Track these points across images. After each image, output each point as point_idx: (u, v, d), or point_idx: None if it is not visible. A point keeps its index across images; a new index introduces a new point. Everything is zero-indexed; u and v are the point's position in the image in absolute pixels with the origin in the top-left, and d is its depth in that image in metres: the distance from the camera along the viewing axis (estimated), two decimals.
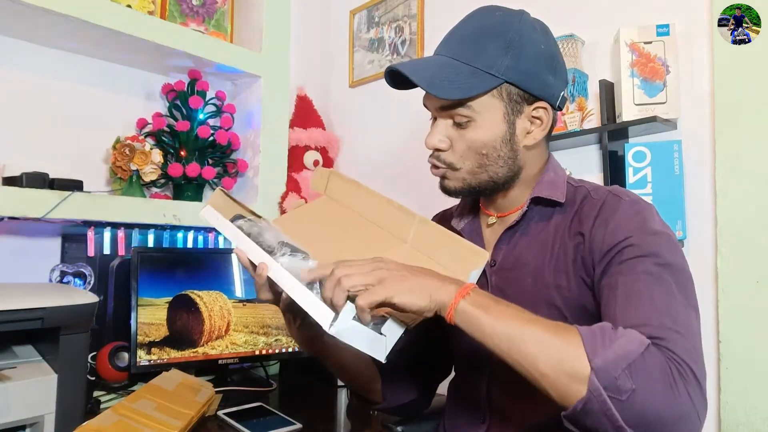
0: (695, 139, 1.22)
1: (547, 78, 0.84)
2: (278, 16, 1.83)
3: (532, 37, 0.83)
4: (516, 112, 0.84)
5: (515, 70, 0.81)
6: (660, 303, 0.69)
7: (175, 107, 1.66)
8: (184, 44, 1.56)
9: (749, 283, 1.10)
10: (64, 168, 1.46)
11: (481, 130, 0.83)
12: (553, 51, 0.85)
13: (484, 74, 0.81)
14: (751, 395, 1.09)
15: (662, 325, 0.66)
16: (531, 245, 0.87)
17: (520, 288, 0.86)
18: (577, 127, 1.31)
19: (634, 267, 0.73)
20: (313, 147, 1.93)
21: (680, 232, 1.18)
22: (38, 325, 0.97)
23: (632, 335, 0.64)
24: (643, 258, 0.74)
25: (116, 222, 1.46)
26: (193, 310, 1.45)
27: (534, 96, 0.83)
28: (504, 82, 0.81)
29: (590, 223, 0.81)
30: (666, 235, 0.77)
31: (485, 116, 0.83)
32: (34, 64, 1.50)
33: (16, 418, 0.94)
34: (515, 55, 0.81)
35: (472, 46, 0.83)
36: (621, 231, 0.77)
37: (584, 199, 0.86)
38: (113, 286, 1.46)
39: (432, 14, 1.80)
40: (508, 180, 0.87)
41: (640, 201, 0.82)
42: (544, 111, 0.85)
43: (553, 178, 0.89)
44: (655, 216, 0.80)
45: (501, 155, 0.85)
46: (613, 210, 0.80)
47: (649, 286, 0.71)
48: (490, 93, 0.82)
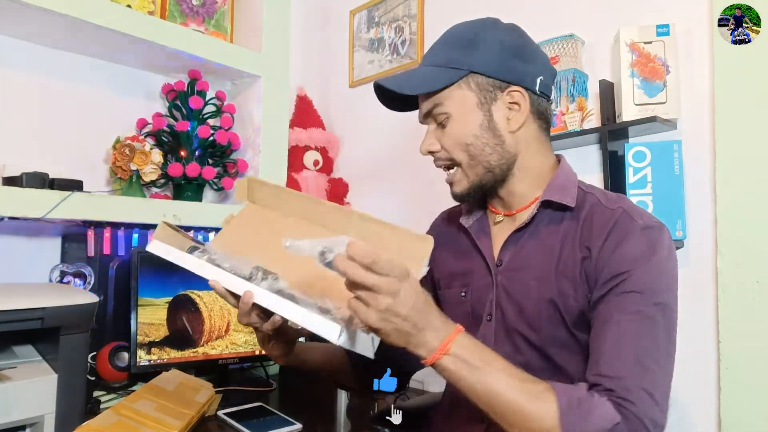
0: (695, 139, 1.22)
1: (515, 64, 0.87)
2: (278, 16, 1.83)
3: (493, 33, 0.89)
4: (490, 99, 0.88)
5: (477, 61, 0.87)
6: (643, 356, 0.75)
7: (175, 107, 1.66)
8: (184, 44, 1.56)
9: (749, 283, 1.10)
10: (64, 168, 1.46)
11: (458, 122, 0.88)
12: (519, 42, 0.89)
13: (448, 69, 0.87)
14: (751, 395, 1.09)
15: (638, 386, 0.73)
16: (539, 249, 0.88)
17: (524, 289, 0.88)
18: (577, 127, 1.31)
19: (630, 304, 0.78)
20: (313, 147, 1.93)
21: (680, 232, 1.18)
22: (38, 325, 0.97)
23: (605, 410, 0.70)
24: (641, 295, 0.77)
25: (116, 222, 1.46)
26: (193, 310, 1.45)
27: (505, 81, 0.87)
28: (469, 72, 0.87)
29: (600, 242, 0.82)
30: (670, 268, 0.81)
31: (459, 109, 0.88)
32: (34, 64, 1.50)
33: (16, 418, 0.94)
34: (476, 48, 0.87)
35: (438, 52, 0.91)
36: (628, 260, 0.79)
37: (594, 206, 0.87)
38: (113, 286, 1.46)
39: (432, 14, 1.80)
40: (504, 168, 0.90)
41: (653, 227, 0.82)
42: (520, 95, 0.88)
43: (564, 182, 0.90)
44: (664, 244, 0.81)
45: (486, 142, 0.88)
46: (625, 234, 0.81)
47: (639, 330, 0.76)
48: (458, 85, 0.87)
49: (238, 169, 1.73)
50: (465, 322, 0.91)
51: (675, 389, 1.22)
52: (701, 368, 1.17)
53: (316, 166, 1.93)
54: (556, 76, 0.94)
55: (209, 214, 1.62)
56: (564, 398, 0.71)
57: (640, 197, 1.20)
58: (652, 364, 0.76)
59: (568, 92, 1.35)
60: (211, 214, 1.62)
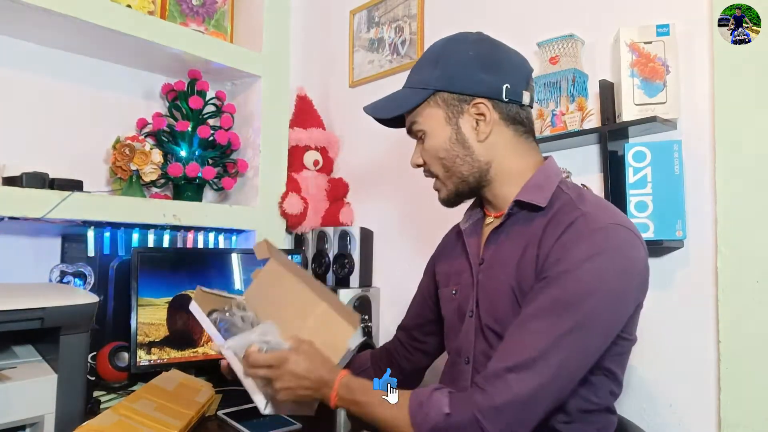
0: (695, 139, 1.22)
1: (478, 76, 0.92)
2: (278, 16, 1.83)
3: (458, 48, 0.95)
4: (457, 113, 0.94)
5: (442, 78, 0.93)
6: (521, 347, 0.80)
7: (175, 107, 1.66)
8: (184, 44, 1.56)
9: (749, 283, 1.10)
10: (64, 168, 1.46)
11: (432, 138, 0.96)
12: (484, 54, 0.94)
13: (419, 90, 0.96)
14: (751, 395, 1.09)
15: (497, 376, 0.79)
16: (509, 247, 0.92)
17: (495, 285, 0.92)
18: (577, 127, 1.31)
19: (544, 299, 0.81)
20: (313, 147, 1.93)
21: (680, 232, 1.18)
22: (38, 325, 0.97)
23: (440, 403, 0.81)
24: (559, 292, 0.80)
25: (116, 222, 1.46)
26: None
27: (469, 95, 0.93)
28: (435, 91, 0.94)
29: (551, 242, 0.84)
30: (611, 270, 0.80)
31: (430, 125, 0.96)
32: (34, 64, 1.50)
33: (16, 418, 0.94)
34: (441, 67, 0.94)
35: (412, 74, 1.00)
36: (565, 259, 0.81)
37: (564, 206, 0.88)
38: (113, 286, 1.46)
39: (432, 14, 1.79)
40: (478, 176, 0.95)
41: (605, 230, 0.82)
42: (485, 106, 0.93)
43: (540, 181, 0.93)
44: (612, 244, 0.81)
45: (456, 154, 0.94)
46: (575, 236, 0.83)
47: (536, 326, 0.80)
48: (427, 103, 0.95)
49: (238, 169, 1.74)
50: (454, 319, 1.02)
51: (675, 389, 1.22)
52: (701, 368, 1.17)
53: (316, 166, 1.93)
54: (530, 77, 0.97)
55: (209, 214, 1.62)
56: (414, 401, 0.83)
57: (640, 197, 1.20)
58: (534, 355, 0.78)
59: (568, 92, 1.35)
60: (211, 214, 1.63)
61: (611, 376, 0.89)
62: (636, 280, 0.84)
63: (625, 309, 0.84)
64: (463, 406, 0.80)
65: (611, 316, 0.81)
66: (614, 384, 0.91)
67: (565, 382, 0.80)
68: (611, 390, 0.91)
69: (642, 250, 0.85)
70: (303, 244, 1.91)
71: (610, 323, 0.82)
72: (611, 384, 0.90)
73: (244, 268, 1.55)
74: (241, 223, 1.70)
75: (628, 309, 0.85)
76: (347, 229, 1.80)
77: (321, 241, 1.86)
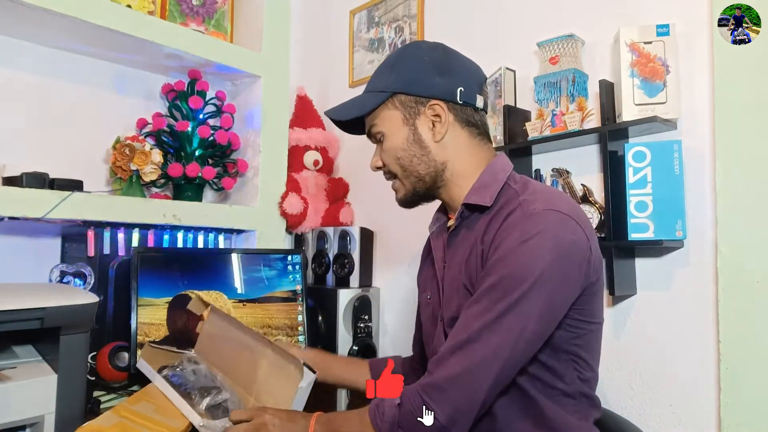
0: (695, 139, 1.22)
1: (433, 80, 0.96)
2: (278, 16, 1.83)
3: (413, 54, 1.00)
4: (413, 114, 0.98)
5: (398, 82, 0.98)
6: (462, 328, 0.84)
7: (175, 107, 1.66)
8: (184, 44, 1.56)
9: (749, 283, 1.10)
10: (64, 168, 1.46)
11: (389, 139, 1.00)
12: (437, 59, 0.98)
13: (377, 93, 1.00)
14: (751, 395, 1.09)
15: (443, 353, 0.84)
16: (461, 246, 0.96)
17: (452, 285, 0.95)
18: (577, 127, 1.31)
19: (482, 285, 0.85)
20: (313, 147, 1.92)
21: (680, 232, 1.18)
22: (38, 325, 0.97)
23: (389, 399, 0.86)
24: (493, 277, 0.83)
25: (116, 222, 1.46)
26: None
27: (425, 97, 0.96)
28: (392, 94, 0.98)
29: (492, 235, 0.88)
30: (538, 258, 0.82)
31: (389, 126, 0.99)
32: (34, 64, 1.50)
33: (16, 418, 0.94)
34: (397, 71, 0.99)
35: (372, 80, 1.04)
36: (501, 248, 0.85)
37: (508, 202, 0.91)
38: (113, 286, 1.45)
39: (432, 14, 1.79)
40: (434, 176, 0.98)
41: (538, 215, 0.85)
42: (440, 108, 0.96)
43: (486, 181, 0.95)
44: (542, 228, 0.83)
45: (414, 154, 0.98)
46: (510, 224, 0.86)
47: (475, 309, 0.84)
48: (385, 105, 0.99)
49: (238, 169, 1.74)
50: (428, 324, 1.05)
51: (675, 389, 1.22)
52: (701, 368, 1.17)
53: (316, 166, 1.93)
54: (484, 83, 1.02)
55: (209, 214, 1.62)
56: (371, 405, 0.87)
57: (640, 197, 1.20)
58: (471, 334, 0.82)
59: (568, 92, 1.35)
60: (211, 214, 1.62)
61: (578, 361, 0.90)
62: (572, 263, 0.84)
63: (565, 292, 0.85)
64: (411, 393, 0.84)
65: (548, 298, 0.82)
66: (583, 368, 0.91)
67: (505, 362, 0.81)
68: (580, 375, 0.91)
69: (579, 233, 0.85)
70: (303, 244, 1.91)
71: (548, 306, 0.82)
72: (580, 368, 0.91)
73: (244, 268, 1.55)
74: (241, 223, 1.70)
75: (570, 292, 0.85)
76: (347, 229, 1.80)
77: (321, 241, 1.86)
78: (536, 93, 1.40)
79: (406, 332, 1.77)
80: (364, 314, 1.73)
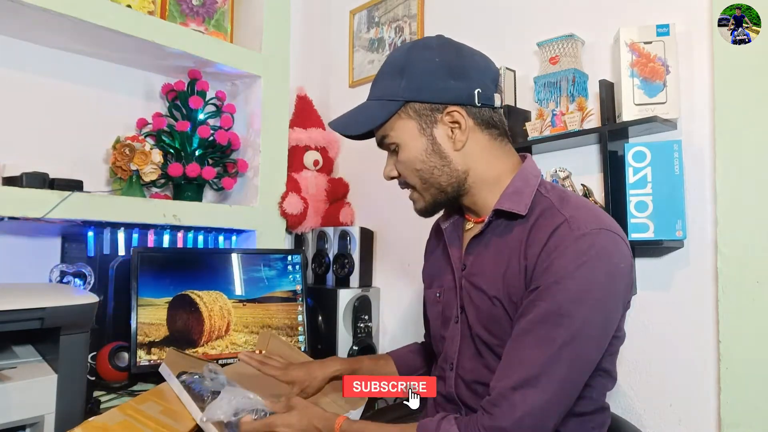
0: (695, 139, 1.22)
1: (448, 84, 0.89)
2: (278, 16, 1.83)
3: (422, 56, 0.91)
4: (430, 123, 0.90)
5: (410, 89, 0.89)
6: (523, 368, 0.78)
7: (175, 107, 1.66)
8: (184, 44, 1.56)
9: (749, 283, 1.10)
10: (64, 168, 1.46)
11: (406, 150, 0.92)
12: (449, 60, 0.90)
13: (388, 102, 0.91)
14: (751, 395, 1.09)
15: (503, 390, 0.79)
16: (490, 257, 0.91)
17: (480, 295, 0.91)
18: (577, 127, 1.31)
19: (537, 312, 0.80)
20: (313, 147, 1.93)
21: (680, 232, 1.18)
22: (38, 325, 0.97)
23: None
24: (549, 305, 0.79)
25: (116, 222, 1.46)
26: (193, 310, 1.45)
27: (441, 103, 0.89)
28: (404, 102, 0.90)
29: (537, 251, 0.83)
30: (596, 277, 0.79)
31: (404, 137, 0.92)
32: (34, 64, 1.50)
33: (16, 418, 0.94)
34: (407, 76, 0.90)
35: (377, 85, 0.95)
36: (552, 273, 0.80)
37: (544, 211, 0.86)
38: (113, 286, 1.45)
39: (432, 14, 1.79)
40: (457, 186, 0.92)
41: (589, 235, 0.80)
42: (458, 114, 0.89)
43: (519, 187, 0.90)
44: (596, 251, 0.79)
45: (434, 165, 0.91)
46: (559, 244, 0.81)
47: (532, 342, 0.79)
48: (397, 115, 0.91)
49: (238, 169, 1.74)
50: (438, 323, 1.01)
51: (675, 389, 1.22)
52: (701, 368, 1.17)
53: (316, 166, 1.93)
54: (498, 79, 0.95)
55: (209, 214, 1.62)
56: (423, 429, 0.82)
57: (640, 197, 1.20)
58: (536, 370, 0.77)
59: (568, 92, 1.35)
60: (211, 214, 1.62)
61: (606, 375, 0.90)
62: (622, 283, 0.83)
63: (615, 313, 0.83)
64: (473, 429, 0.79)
65: (603, 322, 0.80)
66: (609, 381, 0.92)
67: (570, 393, 0.80)
68: (605, 387, 0.91)
69: (626, 251, 0.84)
70: (303, 244, 1.91)
71: (603, 329, 0.81)
72: (607, 382, 0.91)
73: (244, 268, 1.55)
74: (241, 223, 1.70)
75: (618, 312, 0.84)
76: (347, 229, 1.80)
77: (321, 241, 1.86)
78: (536, 93, 1.40)
79: (405, 332, 1.77)
80: (364, 314, 1.74)
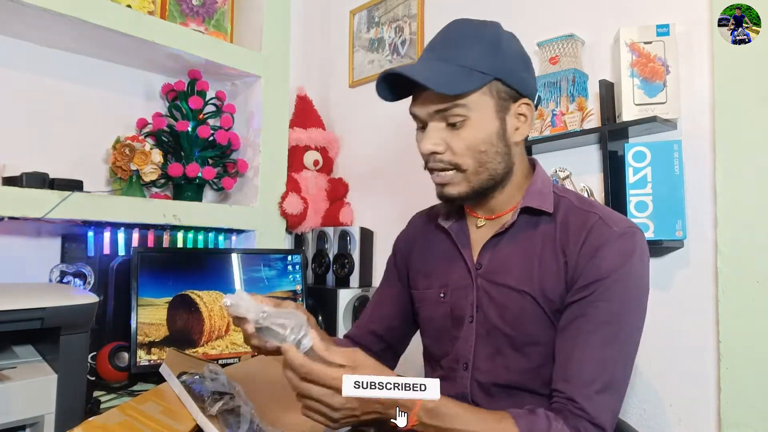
0: (695, 139, 1.22)
1: (526, 76, 0.89)
2: (278, 16, 1.83)
3: (510, 39, 0.89)
4: (504, 108, 0.87)
5: (500, 68, 0.85)
6: (604, 365, 0.80)
7: (175, 107, 1.66)
8: (184, 44, 1.56)
9: (749, 283, 1.10)
10: (64, 168, 1.46)
11: (475, 128, 0.85)
12: (525, 53, 0.91)
13: (475, 72, 0.84)
14: (751, 395, 1.09)
15: (588, 393, 0.78)
16: (518, 252, 0.91)
17: (506, 291, 0.90)
18: (577, 127, 1.31)
19: (598, 314, 0.81)
20: (313, 147, 1.93)
21: (680, 232, 1.18)
22: (38, 325, 0.97)
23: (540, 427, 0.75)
24: (609, 305, 0.81)
25: (116, 222, 1.46)
26: (193, 310, 1.45)
27: (518, 93, 0.88)
28: (493, 79, 0.85)
29: (577, 247, 0.85)
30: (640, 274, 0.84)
31: (479, 113, 0.85)
32: (34, 64, 1.50)
33: (16, 418, 0.94)
34: (499, 54, 0.85)
35: (459, 50, 0.86)
36: (603, 270, 0.82)
37: (569, 210, 0.89)
38: (113, 286, 1.45)
39: (432, 14, 1.79)
40: (504, 176, 0.91)
41: (627, 233, 0.85)
42: (527, 107, 0.89)
43: (541, 187, 0.92)
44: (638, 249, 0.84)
45: (498, 151, 0.88)
46: (602, 242, 0.84)
47: (602, 340, 0.81)
48: (481, 90, 0.85)
49: (238, 169, 1.74)
50: (444, 323, 0.97)
51: (675, 389, 1.22)
52: (701, 368, 1.17)
53: (316, 166, 1.93)
54: None
55: (209, 214, 1.62)
56: (524, 428, 0.75)
57: (640, 197, 1.20)
58: (611, 372, 0.80)
59: (568, 92, 1.35)
60: (211, 214, 1.62)
61: None
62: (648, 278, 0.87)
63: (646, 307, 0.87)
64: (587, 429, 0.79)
65: (643, 315, 0.86)
66: None
67: (626, 387, 0.84)
68: None
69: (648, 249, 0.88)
70: (303, 244, 1.91)
71: (642, 322, 0.86)
72: None
73: (244, 268, 1.55)
74: (241, 223, 1.70)
75: None
76: (347, 229, 1.80)
77: (321, 241, 1.86)
78: (536, 93, 1.40)
79: None
80: None
